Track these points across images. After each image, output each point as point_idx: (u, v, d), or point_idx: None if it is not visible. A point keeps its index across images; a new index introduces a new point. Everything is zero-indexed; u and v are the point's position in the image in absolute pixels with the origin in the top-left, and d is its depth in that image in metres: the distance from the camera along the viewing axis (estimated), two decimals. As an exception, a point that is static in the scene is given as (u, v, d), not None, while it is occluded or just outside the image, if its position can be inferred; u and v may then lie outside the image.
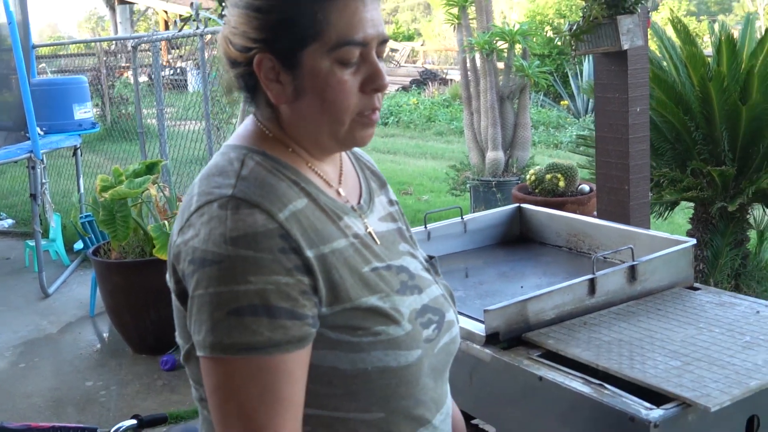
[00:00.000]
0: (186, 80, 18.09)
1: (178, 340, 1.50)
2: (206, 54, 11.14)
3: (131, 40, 7.24)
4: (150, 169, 5.71)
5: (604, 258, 2.72)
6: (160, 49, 6.91)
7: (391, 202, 1.70)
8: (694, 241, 2.57)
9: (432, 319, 1.50)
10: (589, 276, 2.34)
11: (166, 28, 26.75)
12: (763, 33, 5.61)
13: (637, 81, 3.56)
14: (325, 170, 1.52)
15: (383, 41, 1.43)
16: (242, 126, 1.53)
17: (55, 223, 7.63)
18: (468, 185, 8.31)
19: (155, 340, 5.40)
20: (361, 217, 1.53)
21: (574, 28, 3.43)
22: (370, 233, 1.51)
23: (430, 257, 1.69)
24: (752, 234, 6.06)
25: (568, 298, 2.31)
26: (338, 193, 1.52)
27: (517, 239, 3.14)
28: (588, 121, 16.09)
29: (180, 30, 6.07)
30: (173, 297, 1.45)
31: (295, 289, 1.31)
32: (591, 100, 16.77)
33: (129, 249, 5.50)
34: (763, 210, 6.02)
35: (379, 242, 1.52)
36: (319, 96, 1.40)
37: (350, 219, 1.48)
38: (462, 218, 3.03)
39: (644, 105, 3.61)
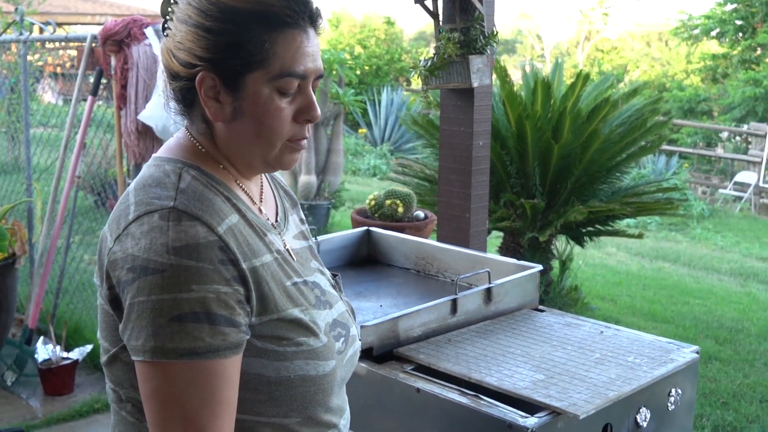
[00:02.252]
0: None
1: (102, 342, 1.54)
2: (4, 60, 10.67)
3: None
4: (-36, 177, 5.50)
5: (452, 281, 2.90)
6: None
7: (302, 221, 1.81)
8: (540, 267, 2.79)
9: (341, 333, 1.62)
10: (452, 296, 2.51)
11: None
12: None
13: (482, 117, 3.79)
14: (251, 188, 1.61)
15: (319, 76, 1.53)
16: (173, 139, 1.59)
17: None
18: (281, 207, 8.41)
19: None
20: (280, 234, 1.63)
21: (429, 64, 3.63)
22: (288, 250, 1.61)
23: (334, 275, 1.81)
24: (555, 263, 6.48)
25: (433, 316, 2.46)
26: (260, 211, 1.61)
27: (365, 261, 3.28)
28: (385, 149, 16.56)
29: (0, 34, 5.87)
30: (101, 301, 1.49)
31: (233, 298, 1.39)
32: (388, 130, 17.26)
33: (-61, 258, 5.26)
34: (567, 241, 6.45)
35: (295, 259, 1.62)
36: (256, 120, 1.48)
37: (272, 235, 1.57)
38: (316, 239, 3.14)
39: (486, 140, 3.84)
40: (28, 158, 5.96)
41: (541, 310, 2.75)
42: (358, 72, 20.78)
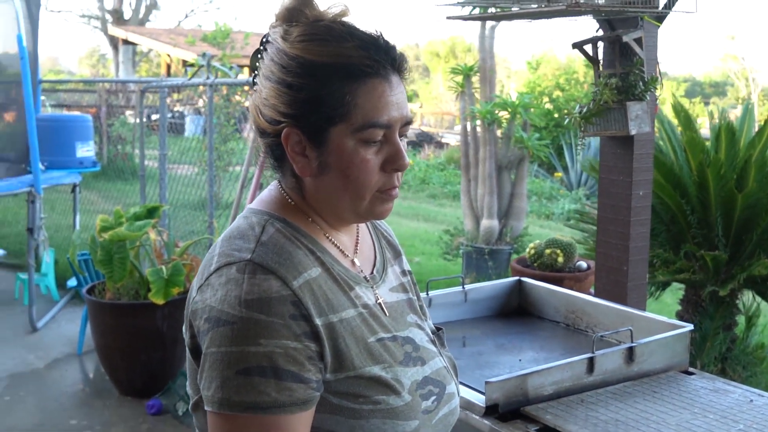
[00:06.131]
0: (183, 124, 18.28)
1: (189, 389, 1.57)
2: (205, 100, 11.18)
3: (141, 84, 7.32)
4: (150, 213, 5.76)
5: (601, 337, 2.77)
6: (167, 95, 6.97)
7: (404, 273, 1.77)
8: (691, 326, 2.62)
9: (432, 391, 1.56)
10: (589, 355, 2.39)
11: (168, 71, 26.94)
12: (760, 119, 5.72)
13: (642, 165, 3.64)
14: (342, 240, 1.59)
15: (407, 123, 1.50)
16: (266, 191, 1.60)
17: (48, 258, 7.64)
18: (461, 251, 8.38)
19: (143, 383, 5.42)
20: (373, 287, 1.59)
21: (584, 110, 3.52)
22: (379, 304, 1.58)
23: (438, 328, 1.75)
24: (740, 319, 6.13)
25: (567, 374, 2.35)
26: (353, 263, 1.59)
27: (515, 311, 3.19)
28: (580, 193, 16.23)
29: (190, 78, 6.15)
30: (187, 350, 1.51)
31: (303, 354, 1.37)
32: (585, 174, 16.92)
33: (123, 291, 5.53)
34: (753, 296, 6.09)
35: (387, 313, 1.58)
36: (342, 173, 1.46)
37: (361, 289, 1.54)
38: (463, 287, 3.08)
39: (647, 189, 3.69)
40: (210, 197, 6.18)
41: (691, 373, 2.59)
42: (556, 115, 20.53)
